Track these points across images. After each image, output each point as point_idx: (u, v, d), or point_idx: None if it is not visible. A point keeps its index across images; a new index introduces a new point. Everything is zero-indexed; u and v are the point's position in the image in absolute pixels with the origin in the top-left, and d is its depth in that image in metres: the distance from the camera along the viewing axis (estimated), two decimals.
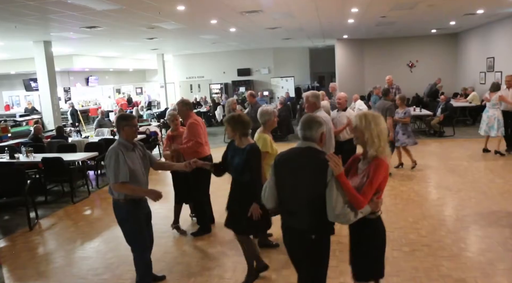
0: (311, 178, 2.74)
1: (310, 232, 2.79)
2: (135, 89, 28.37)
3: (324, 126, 2.91)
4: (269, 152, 4.65)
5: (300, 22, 12.44)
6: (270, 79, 21.94)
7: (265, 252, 4.84)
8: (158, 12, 9.39)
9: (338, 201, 2.63)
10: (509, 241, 4.86)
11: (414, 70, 19.10)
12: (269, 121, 4.77)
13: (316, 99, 5.12)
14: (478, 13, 12.36)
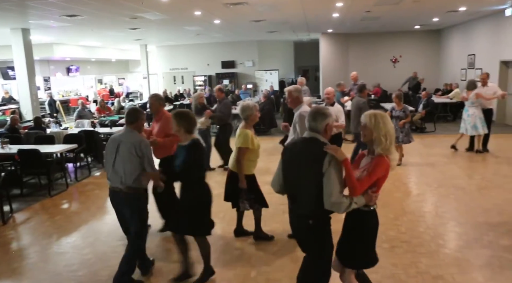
0: (310, 167, 2.90)
1: (307, 217, 2.97)
2: (118, 80, 27.93)
3: (330, 118, 3.01)
4: (250, 147, 4.63)
5: (285, 15, 12.36)
6: (254, 72, 21.86)
7: (244, 249, 4.81)
8: (141, 2, 9.20)
9: (335, 190, 2.78)
10: (485, 237, 4.93)
11: (398, 66, 19.27)
12: (251, 116, 4.73)
13: (299, 94, 5.07)
14: (460, 10, 12.48)
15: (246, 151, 4.62)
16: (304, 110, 4.90)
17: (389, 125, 2.94)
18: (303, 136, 3.12)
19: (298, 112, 4.92)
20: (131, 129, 4.01)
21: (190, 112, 3.99)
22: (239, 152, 4.63)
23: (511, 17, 12.13)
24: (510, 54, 12.58)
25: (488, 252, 4.57)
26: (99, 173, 8.98)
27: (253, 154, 4.74)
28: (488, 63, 13.94)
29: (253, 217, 5.03)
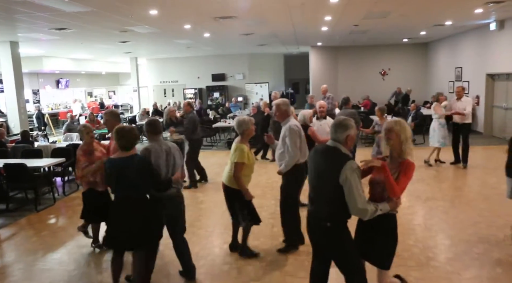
0: (329, 174, 3.03)
1: (325, 220, 3.11)
2: (108, 93, 27.85)
3: (351, 130, 3.13)
4: (246, 163, 4.58)
5: (274, 29, 12.47)
6: (244, 84, 21.93)
7: (233, 264, 4.77)
8: (130, 15, 9.23)
9: (358, 198, 2.92)
10: (475, 249, 4.94)
11: (387, 78, 19.46)
12: (247, 131, 4.68)
13: (287, 107, 4.98)
14: (447, 24, 12.69)
15: (242, 166, 4.56)
16: (294, 124, 4.88)
17: (409, 130, 3.16)
18: (327, 143, 3.22)
19: (288, 125, 4.87)
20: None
21: (132, 129, 3.91)
22: (236, 167, 4.56)
23: (496, 31, 12.35)
24: (496, 67, 12.78)
25: (478, 265, 4.57)
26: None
27: (248, 169, 4.69)
28: (474, 76, 14.15)
29: (242, 232, 4.97)
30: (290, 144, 4.76)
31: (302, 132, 4.99)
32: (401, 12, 10.18)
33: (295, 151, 4.78)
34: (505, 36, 12.15)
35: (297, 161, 4.85)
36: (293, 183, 5.01)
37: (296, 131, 4.82)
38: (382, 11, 9.97)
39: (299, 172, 4.94)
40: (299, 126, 4.92)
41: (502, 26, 12.13)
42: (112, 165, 3.79)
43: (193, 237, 5.65)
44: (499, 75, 12.92)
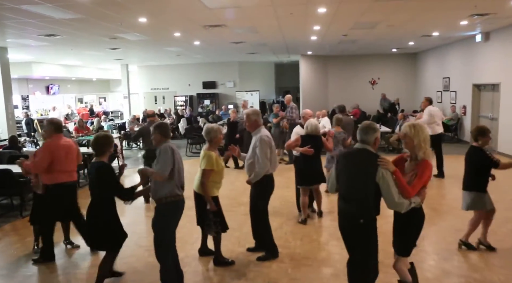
0: (363, 174, 3.36)
1: (359, 217, 3.36)
2: (99, 99, 27.78)
3: (379, 132, 3.49)
4: (214, 169, 4.64)
5: (264, 37, 12.58)
6: (235, 92, 22.01)
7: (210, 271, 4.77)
8: (119, 23, 9.28)
9: (394, 193, 3.24)
10: (455, 257, 5.02)
11: (376, 87, 19.65)
12: (215, 139, 4.76)
13: (257, 117, 4.94)
14: (434, 35, 12.90)
15: (210, 172, 4.63)
16: (265, 134, 4.85)
17: (426, 132, 3.48)
18: (355, 146, 3.52)
19: (259, 136, 4.83)
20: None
21: (103, 136, 4.21)
22: (203, 174, 4.64)
23: (481, 43, 12.58)
24: (482, 78, 13.00)
25: (458, 272, 4.64)
26: None
27: (217, 176, 4.73)
28: (461, 86, 14.37)
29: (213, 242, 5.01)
30: (261, 155, 4.74)
31: (273, 142, 4.97)
32: (389, 22, 10.34)
33: (265, 162, 4.75)
34: (490, 47, 12.38)
35: (267, 171, 4.84)
36: (263, 194, 4.97)
37: (267, 142, 4.80)
38: (370, 21, 10.12)
39: (268, 183, 4.94)
40: (270, 137, 4.91)
41: (488, 38, 12.37)
42: (88, 170, 4.07)
43: (178, 243, 5.64)
44: (485, 86, 13.14)
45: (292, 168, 6.75)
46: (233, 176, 9.77)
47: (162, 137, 4.14)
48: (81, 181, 9.39)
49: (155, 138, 4.14)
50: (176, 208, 4.14)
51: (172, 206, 4.10)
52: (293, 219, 6.62)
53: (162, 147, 4.05)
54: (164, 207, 4.07)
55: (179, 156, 4.17)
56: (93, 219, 4.09)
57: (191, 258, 5.16)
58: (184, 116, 18.41)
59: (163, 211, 4.08)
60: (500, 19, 10.09)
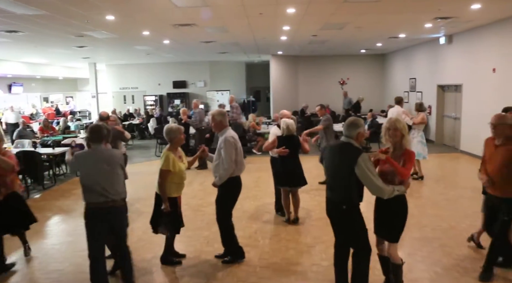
0: (345, 165, 3.65)
1: (342, 203, 3.72)
2: (65, 98, 27.08)
3: (361, 128, 3.75)
4: (171, 170, 4.58)
5: (234, 37, 12.57)
6: (206, 92, 21.89)
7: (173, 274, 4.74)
8: (86, 20, 9.07)
9: (375, 180, 3.55)
10: (419, 253, 5.16)
11: (346, 88, 19.92)
12: (175, 139, 4.72)
13: (222, 118, 4.83)
14: (400, 37, 13.21)
15: (167, 173, 4.59)
16: (230, 135, 4.75)
17: (403, 127, 3.81)
18: (340, 140, 3.82)
19: (224, 137, 4.74)
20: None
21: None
22: (160, 174, 4.61)
23: (445, 45, 12.98)
24: (445, 79, 13.41)
25: (422, 267, 4.77)
26: (39, 195, 8.60)
27: (176, 177, 4.67)
28: (427, 87, 14.78)
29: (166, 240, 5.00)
30: (225, 157, 4.66)
31: (239, 144, 4.86)
32: (357, 24, 10.52)
33: (230, 164, 4.67)
34: (453, 50, 12.79)
35: (233, 174, 4.75)
36: (228, 196, 4.88)
37: (232, 143, 4.70)
38: (339, 22, 10.27)
39: (234, 185, 4.86)
40: (235, 138, 4.80)
41: (451, 41, 12.77)
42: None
43: (146, 244, 5.62)
44: (448, 86, 13.56)
45: (261, 169, 6.77)
46: (203, 176, 9.72)
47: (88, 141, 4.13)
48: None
49: (87, 144, 4.14)
50: (93, 217, 3.96)
51: (90, 214, 3.96)
52: (261, 218, 6.65)
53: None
54: (84, 215, 3.99)
55: (107, 161, 4.00)
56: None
57: (158, 259, 5.10)
58: (154, 116, 18.18)
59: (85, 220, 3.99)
60: (462, 22, 10.44)
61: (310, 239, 5.72)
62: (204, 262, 5.03)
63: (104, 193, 3.91)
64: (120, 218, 4.11)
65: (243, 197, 7.34)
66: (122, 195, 4.08)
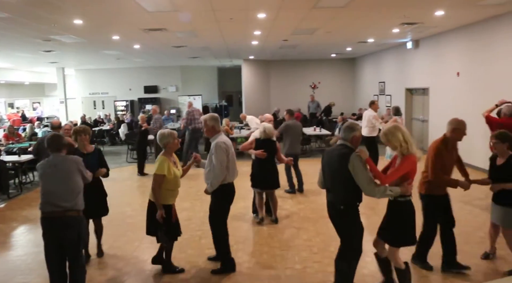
0: (340, 165, 3.73)
1: (339, 204, 3.81)
2: (32, 104, 26.32)
3: (357, 132, 3.84)
4: (166, 175, 4.47)
5: (205, 42, 12.54)
6: (177, 97, 21.74)
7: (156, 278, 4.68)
8: (53, 24, 8.87)
9: (366, 180, 3.61)
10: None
11: (317, 91, 20.17)
12: (169, 144, 4.60)
13: (214, 122, 4.73)
14: (369, 42, 13.49)
15: (161, 178, 4.46)
16: (222, 141, 4.64)
17: (399, 134, 3.80)
18: (338, 143, 3.94)
19: (215, 142, 4.63)
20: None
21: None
22: (154, 179, 4.48)
23: (412, 49, 13.33)
24: (413, 82, 13.77)
25: None
26: (3, 204, 8.31)
27: (170, 183, 4.55)
28: (395, 90, 15.13)
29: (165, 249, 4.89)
30: (216, 163, 4.54)
31: (232, 149, 4.75)
32: (327, 29, 10.68)
33: (221, 170, 4.55)
34: (420, 54, 13.15)
35: (224, 180, 4.64)
36: (221, 203, 4.78)
37: (223, 149, 4.58)
38: (309, 27, 10.40)
39: (227, 192, 4.75)
40: (227, 143, 4.69)
41: (417, 45, 13.13)
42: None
43: (118, 252, 5.51)
44: (416, 90, 13.92)
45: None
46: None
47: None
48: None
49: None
50: (44, 227, 3.91)
51: (42, 224, 3.93)
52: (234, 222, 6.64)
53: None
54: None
55: (60, 170, 3.96)
56: None
57: (131, 267, 5.01)
58: (125, 122, 17.88)
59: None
60: (427, 28, 10.75)
61: (283, 243, 5.75)
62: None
63: (55, 202, 3.83)
64: (71, 231, 3.88)
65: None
66: (76, 206, 3.93)
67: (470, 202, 7.36)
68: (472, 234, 5.87)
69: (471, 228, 6.09)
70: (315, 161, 12.15)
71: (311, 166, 10.88)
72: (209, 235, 5.05)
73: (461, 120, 4.65)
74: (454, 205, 7.19)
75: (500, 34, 9.22)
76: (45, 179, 3.93)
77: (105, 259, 5.33)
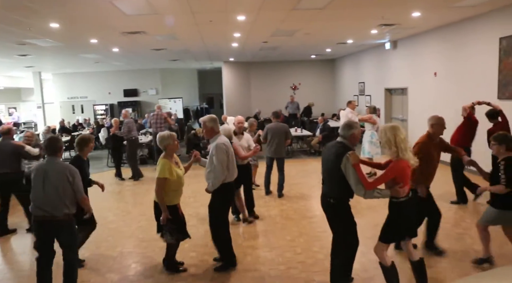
0: (334, 161, 3.87)
1: (329, 197, 3.98)
2: (8, 109, 25.74)
3: (355, 130, 3.94)
4: (168, 178, 4.53)
5: (185, 44, 12.49)
6: (158, 100, 21.55)
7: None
8: (28, 28, 8.70)
9: (353, 180, 3.74)
10: (371, 251, 5.29)
11: (298, 92, 20.27)
12: (169, 146, 4.66)
13: (213, 124, 4.82)
14: (348, 43, 13.64)
15: (164, 181, 4.52)
16: (222, 142, 4.72)
17: (390, 135, 3.77)
18: (336, 140, 4.04)
19: (215, 144, 4.72)
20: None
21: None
22: (157, 182, 4.56)
23: (390, 50, 13.54)
24: (392, 82, 13.97)
25: (375, 265, 4.90)
26: None
27: (174, 184, 4.62)
28: (375, 90, 15.32)
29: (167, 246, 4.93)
30: (216, 163, 4.64)
31: (231, 150, 4.87)
32: (306, 30, 10.75)
33: (221, 170, 4.66)
34: (398, 54, 13.36)
35: (225, 180, 4.74)
36: (221, 203, 4.88)
37: (223, 150, 4.69)
38: (288, 29, 10.45)
39: (227, 192, 4.85)
40: (227, 144, 4.79)
41: (395, 46, 13.33)
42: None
43: (101, 258, 5.43)
44: (395, 90, 14.12)
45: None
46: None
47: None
48: None
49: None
50: (35, 228, 4.15)
51: (34, 225, 4.17)
52: None
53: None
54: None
55: (49, 176, 4.03)
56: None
57: (114, 273, 4.95)
58: (105, 126, 17.64)
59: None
60: (404, 29, 10.93)
61: (266, 244, 5.76)
62: (161, 273, 4.93)
63: (44, 208, 3.98)
64: (63, 233, 4.09)
65: (198, 205, 7.31)
66: (66, 211, 4.03)
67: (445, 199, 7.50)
68: (451, 230, 5.99)
69: (450, 225, 6.21)
70: (297, 162, 12.23)
71: (293, 167, 10.98)
72: (193, 239, 5.04)
73: (439, 116, 4.95)
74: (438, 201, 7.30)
75: (474, 35, 9.44)
76: (35, 184, 4.04)
77: (88, 265, 5.25)
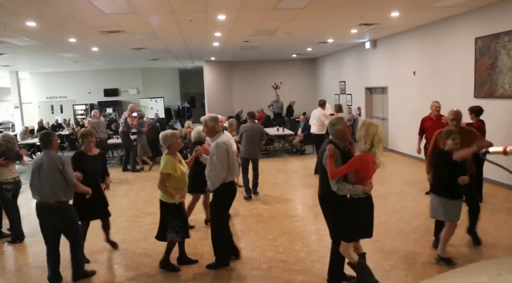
0: (320, 157, 4.13)
1: (320, 190, 4.21)
2: None
3: (339, 125, 4.05)
4: (172, 173, 4.60)
5: (166, 43, 12.39)
6: (139, 99, 21.37)
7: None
8: (3, 26, 8.51)
9: (329, 172, 3.90)
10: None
11: (279, 92, 20.32)
12: (173, 144, 4.76)
13: (214, 123, 4.83)
14: (329, 42, 13.74)
15: (166, 177, 4.60)
16: (222, 141, 4.70)
17: (368, 130, 3.91)
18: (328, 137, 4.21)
19: (215, 143, 4.70)
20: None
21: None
22: (160, 178, 4.62)
23: (370, 49, 13.69)
24: (372, 81, 14.13)
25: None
26: None
27: (177, 182, 4.68)
28: (356, 89, 15.48)
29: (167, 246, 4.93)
30: (217, 163, 4.64)
31: (232, 149, 4.86)
32: (287, 30, 10.79)
33: (221, 169, 4.65)
34: (377, 54, 13.52)
35: (225, 179, 4.73)
36: (221, 202, 4.88)
37: (224, 149, 4.67)
38: (269, 28, 10.47)
39: (227, 191, 4.85)
40: (228, 144, 4.76)
41: (375, 45, 13.49)
42: None
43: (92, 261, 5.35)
44: (375, 89, 14.29)
45: None
46: (140, 185, 9.48)
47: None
48: None
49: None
50: (38, 212, 4.51)
51: (36, 209, 4.53)
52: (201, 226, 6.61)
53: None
54: None
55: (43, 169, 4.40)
56: None
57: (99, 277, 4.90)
58: (85, 126, 17.39)
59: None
60: (384, 28, 11.07)
61: (248, 244, 5.77)
62: (143, 274, 4.90)
63: (39, 196, 4.42)
64: (60, 218, 4.46)
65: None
66: (59, 198, 4.40)
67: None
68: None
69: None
70: (279, 161, 12.27)
71: (274, 166, 11.02)
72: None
73: (457, 110, 5.36)
74: (418, 196, 7.47)
75: (451, 35, 9.62)
76: (33, 174, 4.44)
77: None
